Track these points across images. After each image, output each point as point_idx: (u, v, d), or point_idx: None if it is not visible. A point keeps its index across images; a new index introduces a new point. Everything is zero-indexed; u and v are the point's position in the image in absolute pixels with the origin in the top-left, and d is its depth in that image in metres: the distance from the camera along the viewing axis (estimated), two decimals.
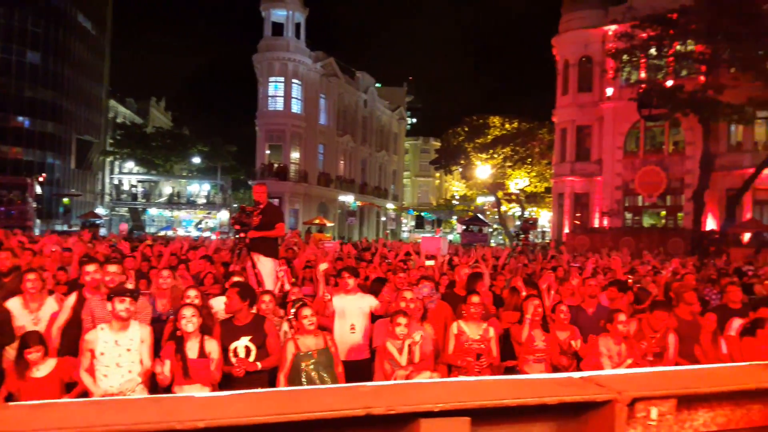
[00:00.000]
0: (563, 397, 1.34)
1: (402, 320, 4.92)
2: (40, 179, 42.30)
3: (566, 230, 37.26)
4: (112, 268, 5.40)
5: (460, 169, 52.67)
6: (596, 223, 36.76)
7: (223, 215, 47.33)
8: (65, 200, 51.50)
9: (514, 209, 53.51)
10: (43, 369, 4.55)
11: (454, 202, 62.26)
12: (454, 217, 59.70)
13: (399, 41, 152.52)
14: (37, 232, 29.54)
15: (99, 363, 4.42)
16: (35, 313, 5.37)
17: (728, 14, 26.31)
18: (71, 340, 5.08)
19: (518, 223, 49.79)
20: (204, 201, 49.69)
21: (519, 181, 48.87)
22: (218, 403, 1.24)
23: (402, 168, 66.91)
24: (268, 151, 43.96)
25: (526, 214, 48.45)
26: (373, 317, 6.05)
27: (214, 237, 34.56)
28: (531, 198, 50.43)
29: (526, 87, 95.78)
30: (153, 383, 4.68)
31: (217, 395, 1.30)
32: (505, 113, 49.98)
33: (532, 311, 5.58)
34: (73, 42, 61.20)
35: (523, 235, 23.84)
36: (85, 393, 4.51)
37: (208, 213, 48.99)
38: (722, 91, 27.09)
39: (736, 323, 6.11)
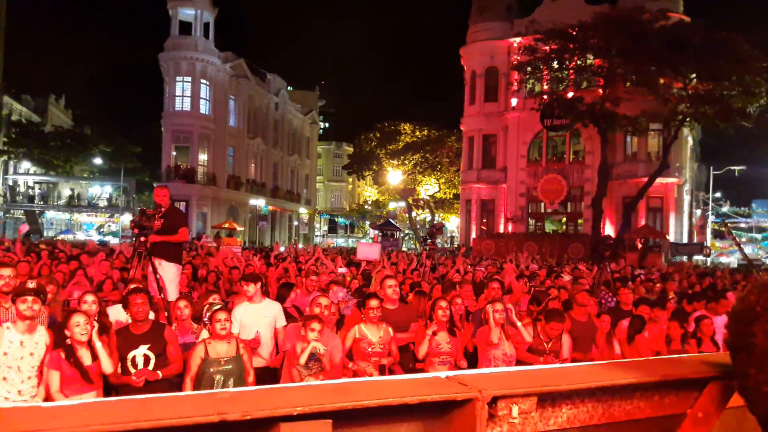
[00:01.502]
0: (424, 397, 1.35)
1: (316, 326, 4.83)
2: None
3: (473, 235, 38.48)
4: (6, 271, 5.20)
5: (372, 175, 53.14)
6: (501, 229, 38.17)
7: (126, 218, 45.23)
8: None
9: (425, 215, 54.67)
10: None
11: (366, 207, 62.69)
12: (367, 222, 60.24)
13: (311, 45, 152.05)
14: None
15: (1, 363, 4.25)
16: None
17: (623, 32, 27.94)
18: None
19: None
20: (106, 203, 47.33)
21: (429, 187, 49.97)
22: (59, 413, 1.15)
23: (315, 172, 66.62)
24: (174, 153, 42.57)
25: (436, 219, 49.63)
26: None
27: (117, 241, 33.07)
28: (440, 204, 51.52)
29: (436, 95, 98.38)
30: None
31: (59, 404, 1.23)
32: (416, 120, 51.05)
33: (441, 313, 5.62)
34: None
35: (430, 240, 24.43)
36: None
37: (110, 216, 46.71)
38: (618, 104, 28.55)
39: (624, 324, 6.72)
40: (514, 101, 38.24)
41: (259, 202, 49.06)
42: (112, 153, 51.21)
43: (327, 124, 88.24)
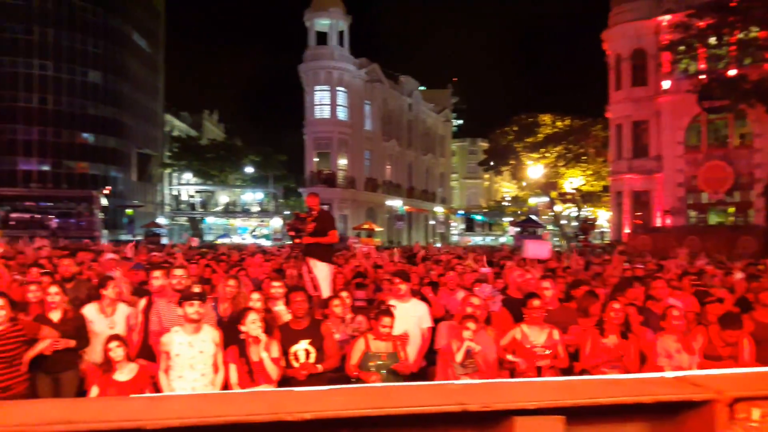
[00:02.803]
0: (660, 397, 1.33)
1: (471, 325, 4.95)
2: (106, 192, 44.02)
3: (626, 230, 36.01)
4: (178, 272, 5.62)
5: (510, 170, 51.84)
6: (658, 223, 35.34)
7: (276, 222, 48.02)
8: (129, 211, 53.70)
9: (570, 209, 52.19)
10: (126, 373, 4.67)
11: (504, 203, 61.25)
12: (506, 219, 58.76)
13: (442, 43, 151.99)
14: (104, 241, 30.70)
15: (175, 364, 4.57)
16: (110, 318, 5.64)
17: None
18: (143, 344, 5.36)
19: (575, 224, 48.57)
20: (257, 209, 50.58)
21: (573, 180, 47.64)
22: (319, 397, 1.29)
23: (449, 170, 66.28)
24: (316, 159, 44.42)
25: (583, 214, 47.20)
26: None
27: (269, 243, 35.11)
28: (587, 197, 49.05)
29: (576, 83, 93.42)
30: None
31: (316, 390, 1.36)
32: (555, 111, 49.01)
33: (614, 315, 5.29)
34: (130, 60, 63.64)
35: (582, 236, 23.06)
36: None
37: (262, 220, 49.82)
38: None
39: None
40: (666, 84, 35.22)
41: (395, 203, 49.77)
42: (261, 162, 54.65)
43: (461, 121, 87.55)
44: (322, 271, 7.44)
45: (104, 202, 39.70)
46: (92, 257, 10.74)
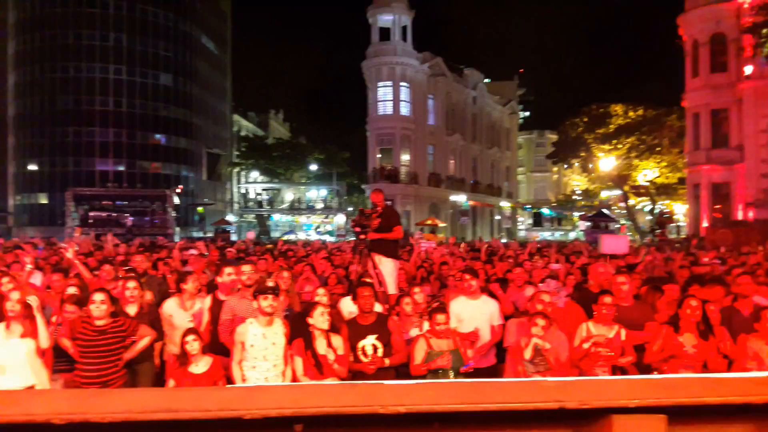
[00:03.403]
0: None
1: (540, 321, 4.87)
2: (178, 191, 45.62)
3: (705, 224, 34.20)
4: (247, 268, 5.73)
5: (580, 162, 50.37)
6: (740, 216, 33.37)
7: (340, 219, 48.42)
8: (200, 209, 55.62)
9: (644, 203, 50.19)
10: (201, 365, 4.79)
11: (575, 197, 59.55)
12: (576, 213, 57.06)
13: (508, 34, 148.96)
14: (176, 239, 31.77)
15: (249, 355, 4.69)
16: (189, 312, 5.85)
17: None
18: (212, 339, 5.44)
19: (649, 217, 46.69)
20: (322, 206, 51.16)
21: (648, 172, 45.79)
22: (410, 391, 1.27)
23: (516, 164, 65.03)
24: (379, 155, 44.55)
25: (658, 207, 45.25)
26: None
27: (333, 240, 35.42)
28: (662, 190, 47.06)
29: (649, 71, 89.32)
30: None
31: (409, 383, 1.33)
32: (627, 100, 47.29)
33: (690, 312, 4.99)
34: (199, 63, 65.82)
35: (659, 230, 22.00)
36: None
37: (326, 217, 50.36)
38: None
39: None
40: (748, 69, 33.16)
41: (459, 198, 49.27)
42: (325, 159, 55.35)
43: (527, 113, 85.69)
44: (387, 267, 7.44)
45: (176, 200, 41.07)
46: (166, 254, 11.06)
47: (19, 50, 59.35)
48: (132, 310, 5.44)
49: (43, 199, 57.90)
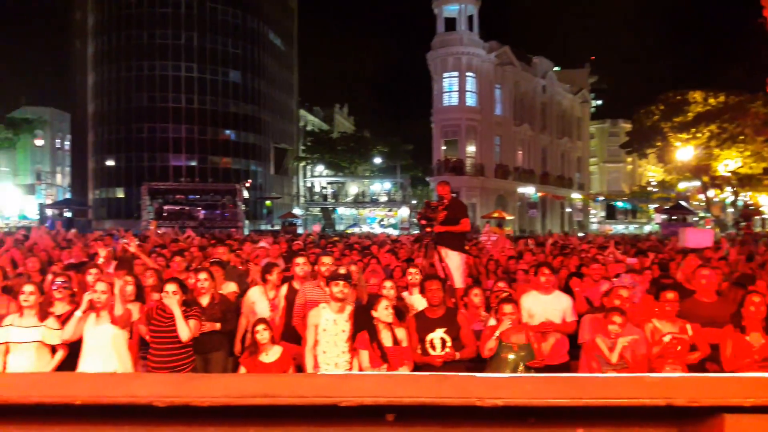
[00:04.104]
0: None
1: (617, 318, 4.73)
2: (247, 185, 46.77)
3: None
4: (326, 259, 5.79)
5: (656, 152, 48.39)
6: None
7: (404, 212, 48.34)
8: (267, 203, 57.03)
9: (725, 195, 47.65)
10: (271, 355, 4.94)
11: (650, 188, 57.20)
12: (652, 206, 54.74)
13: (578, 20, 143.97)
14: (246, 232, 32.54)
15: (321, 339, 4.78)
16: (271, 301, 5.99)
17: None
18: (285, 328, 5.60)
19: (731, 210, 44.38)
20: (385, 199, 51.23)
21: (729, 162, 43.36)
22: (507, 384, 1.24)
23: (588, 154, 63.22)
24: (443, 147, 44.30)
25: (741, 199, 42.81)
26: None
27: (396, 233, 35.38)
28: (745, 181, 44.60)
29: (729, 55, 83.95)
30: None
31: (504, 376, 1.29)
32: (706, 87, 45.12)
33: (753, 309, 4.77)
34: (266, 59, 67.20)
35: (744, 223, 20.69)
36: None
37: (390, 210, 50.42)
38: None
39: None
40: None
41: (528, 190, 48.42)
42: (389, 152, 55.50)
43: (600, 102, 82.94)
44: (453, 261, 7.31)
45: (245, 194, 42.06)
46: (237, 246, 11.31)
47: (97, 51, 62.29)
48: (204, 300, 5.57)
49: (120, 193, 60.69)
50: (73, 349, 4.80)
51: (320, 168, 58.79)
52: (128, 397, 1.16)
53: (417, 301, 5.71)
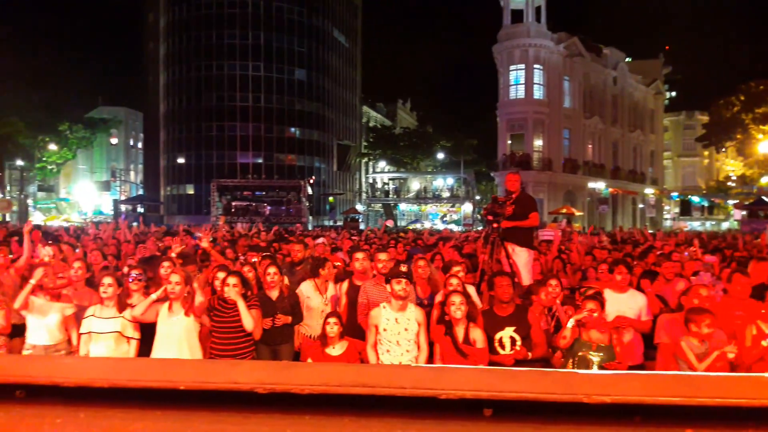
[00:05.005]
0: None
1: (706, 320, 4.46)
2: (311, 181, 47.54)
3: None
4: (383, 255, 5.87)
5: (736, 145, 46.02)
6: None
7: (467, 208, 47.85)
8: (330, 199, 57.83)
9: None
10: (338, 348, 5.03)
11: (729, 183, 54.35)
12: (730, 202, 51.99)
13: (651, 8, 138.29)
14: (309, 227, 33.05)
15: (383, 339, 4.79)
16: (324, 295, 6.05)
17: None
18: (347, 324, 5.56)
19: None
20: (448, 194, 50.89)
21: None
22: (613, 381, 1.24)
23: (661, 148, 60.86)
24: (509, 141, 43.66)
25: None
26: None
27: (459, 229, 35.05)
28: None
29: None
30: None
31: (610, 373, 1.34)
32: None
33: None
34: (330, 56, 68.05)
35: None
36: None
37: (452, 206, 50.05)
38: None
39: None
40: None
41: (598, 185, 47.06)
42: (452, 147, 55.12)
43: (674, 93, 79.48)
44: (521, 257, 7.11)
45: (309, 190, 42.77)
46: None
47: (168, 51, 64.76)
48: (273, 294, 5.64)
49: (190, 190, 62.91)
50: (147, 339, 4.97)
51: (382, 164, 59.02)
52: (230, 384, 1.19)
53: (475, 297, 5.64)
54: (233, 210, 37.49)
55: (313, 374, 1.26)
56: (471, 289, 5.82)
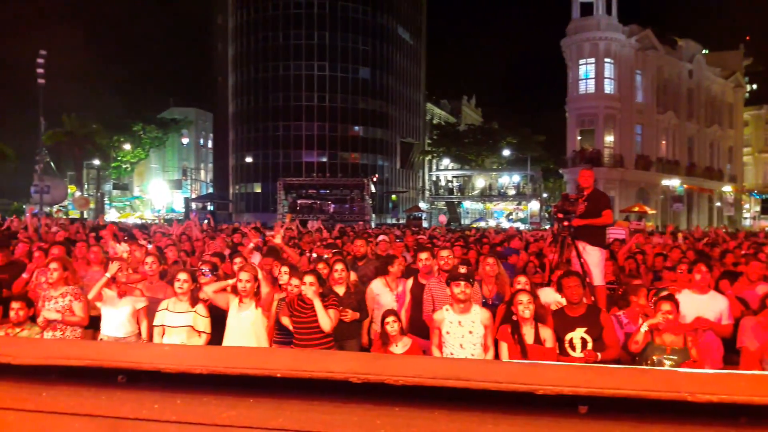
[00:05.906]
0: None
1: None
2: (374, 179, 47.84)
3: None
4: (444, 252, 5.80)
5: None
6: None
7: (534, 206, 46.87)
8: (393, 197, 58.02)
9: None
10: (400, 346, 4.96)
11: None
12: None
13: None
14: (373, 225, 33.22)
15: (446, 342, 4.74)
16: (394, 292, 6.06)
17: None
18: (412, 321, 5.63)
19: None
20: (514, 192, 50.01)
21: None
22: (717, 380, 1.23)
23: (741, 144, 58.05)
24: (579, 137, 42.60)
25: None
26: None
27: (526, 227, 34.35)
28: None
29: None
30: None
31: (708, 372, 1.26)
32: None
33: None
34: (394, 54, 68.22)
35: None
36: None
37: (518, 204, 49.17)
38: None
39: None
40: None
41: (672, 182, 45.29)
42: (518, 144, 54.19)
43: (755, 86, 75.08)
44: (593, 257, 6.80)
45: (373, 188, 43.01)
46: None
47: (237, 53, 66.71)
48: (340, 290, 5.66)
49: (258, 188, 64.61)
50: (217, 332, 5.09)
51: (446, 161, 58.68)
52: (325, 372, 1.21)
53: (549, 297, 5.50)
54: (298, 208, 38.21)
55: (407, 366, 1.27)
56: (548, 290, 5.72)
